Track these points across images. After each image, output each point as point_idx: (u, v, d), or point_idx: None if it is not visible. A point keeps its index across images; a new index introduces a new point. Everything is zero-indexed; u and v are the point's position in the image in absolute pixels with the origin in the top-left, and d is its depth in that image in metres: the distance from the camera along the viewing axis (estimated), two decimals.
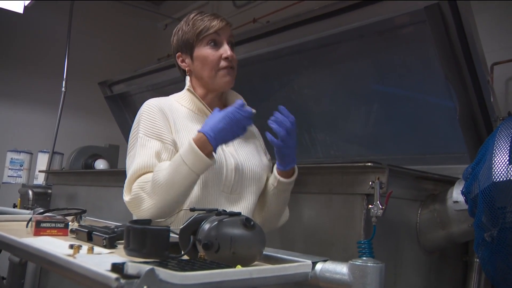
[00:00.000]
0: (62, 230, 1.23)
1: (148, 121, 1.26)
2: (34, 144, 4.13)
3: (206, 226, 0.92)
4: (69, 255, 0.85)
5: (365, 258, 0.91)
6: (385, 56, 2.16)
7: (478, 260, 1.74)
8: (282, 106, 1.25)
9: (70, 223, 1.32)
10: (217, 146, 1.16)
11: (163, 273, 0.66)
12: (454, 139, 2.01)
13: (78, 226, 1.27)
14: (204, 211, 0.98)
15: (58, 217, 1.32)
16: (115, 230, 1.10)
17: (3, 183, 3.84)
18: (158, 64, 3.66)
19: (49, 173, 3.70)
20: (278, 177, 1.34)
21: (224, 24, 1.33)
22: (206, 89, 1.37)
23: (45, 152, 3.91)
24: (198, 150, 1.13)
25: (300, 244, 1.69)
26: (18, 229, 1.31)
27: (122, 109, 4.17)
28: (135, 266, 0.67)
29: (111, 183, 2.78)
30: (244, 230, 0.91)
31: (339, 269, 0.90)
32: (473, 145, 1.90)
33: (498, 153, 1.32)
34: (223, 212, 0.95)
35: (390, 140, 2.35)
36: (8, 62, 4.57)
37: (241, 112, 1.18)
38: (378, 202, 1.39)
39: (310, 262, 0.92)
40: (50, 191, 3.51)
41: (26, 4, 3.75)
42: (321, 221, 1.65)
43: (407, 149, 2.29)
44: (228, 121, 1.16)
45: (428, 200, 1.71)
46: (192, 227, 0.94)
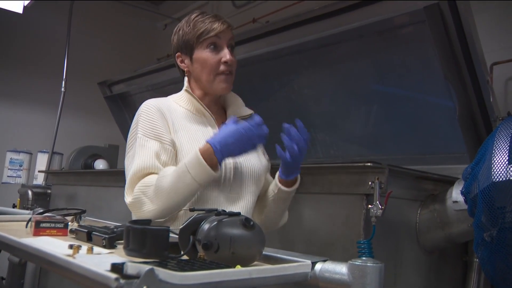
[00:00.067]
0: (61, 230, 1.23)
1: (146, 121, 1.26)
2: (33, 144, 4.12)
3: (206, 226, 0.92)
4: (68, 255, 0.85)
5: (364, 258, 0.91)
6: (384, 56, 2.16)
7: (477, 260, 1.74)
8: (299, 120, 1.21)
9: (69, 223, 1.31)
10: (222, 160, 1.15)
11: (163, 273, 0.66)
12: (453, 139, 2.01)
13: (78, 226, 1.27)
14: (203, 211, 0.98)
15: (58, 217, 1.32)
16: (115, 230, 1.10)
17: (3, 183, 3.84)
18: (157, 64, 3.66)
19: (48, 173, 3.70)
20: (279, 185, 1.33)
21: (225, 27, 1.32)
22: (204, 91, 1.37)
23: (44, 152, 3.91)
24: (203, 161, 1.13)
25: (299, 244, 1.69)
26: (17, 229, 1.31)
27: (121, 109, 4.17)
28: (135, 266, 0.67)
29: (111, 183, 2.78)
30: (243, 230, 0.91)
31: (339, 269, 0.90)
32: (472, 145, 1.90)
33: (497, 153, 1.32)
34: (223, 212, 0.95)
35: (389, 140, 2.35)
36: (7, 62, 4.57)
37: (255, 130, 1.15)
38: (377, 202, 1.39)
39: (309, 262, 0.92)
40: (49, 191, 3.51)
41: (26, 4, 3.75)
42: (320, 221, 1.65)
43: (407, 149, 2.29)
44: (238, 136, 1.14)
45: (427, 200, 1.72)
46: (191, 227, 0.94)
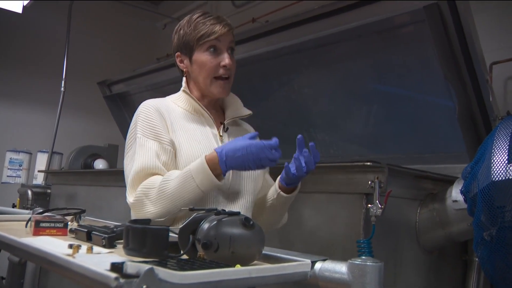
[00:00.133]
0: (61, 230, 1.23)
1: (145, 121, 1.26)
2: (33, 144, 4.12)
3: (205, 225, 0.92)
4: (68, 255, 0.85)
5: (364, 257, 0.91)
6: (384, 55, 2.16)
7: (477, 259, 1.74)
8: (313, 143, 1.21)
9: (69, 223, 1.31)
10: (226, 171, 1.16)
11: (163, 272, 0.66)
12: (453, 139, 2.01)
13: (78, 225, 1.27)
14: (203, 211, 0.98)
15: (58, 217, 1.32)
16: (115, 229, 1.10)
17: (2, 183, 3.83)
18: (157, 63, 3.66)
19: (48, 173, 3.69)
20: (279, 190, 1.33)
21: (226, 30, 1.31)
22: (202, 92, 1.37)
23: (44, 152, 3.91)
24: (208, 169, 1.14)
25: (299, 243, 1.69)
26: (17, 229, 1.31)
27: (121, 108, 4.17)
28: (135, 265, 0.67)
29: (111, 183, 2.78)
30: (243, 229, 0.91)
31: (338, 268, 0.90)
32: (472, 144, 1.90)
33: (497, 152, 1.32)
34: (222, 211, 0.95)
35: (389, 139, 2.35)
36: (7, 62, 4.57)
37: (267, 152, 1.14)
38: (377, 201, 1.39)
39: (309, 261, 0.92)
40: (49, 191, 3.51)
41: (25, 4, 3.74)
42: (320, 220, 1.65)
43: (407, 148, 2.29)
44: (246, 153, 1.14)
45: (427, 199, 1.72)
46: (191, 227, 0.94)
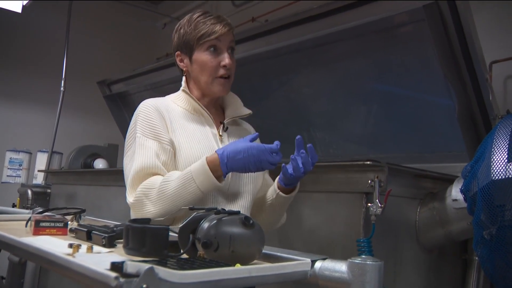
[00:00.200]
0: (61, 229, 1.23)
1: (145, 121, 1.26)
2: (33, 143, 4.11)
3: (205, 224, 0.92)
4: (68, 254, 0.85)
5: (364, 256, 0.91)
6: (384, 55, 2.16)
7: (477, 258, 1.74)
8: (311, 145, 1.21)
9: (69, 223, 1.31)
10: (227, 173, 1.17)
11: (162, 271, 0.66)
12: (453, 138, 2.01)
13: (78, 225, 1.27)
14: (203, 210, 0.98)
15: (58, 216, 1.32)
16: (115, 229, 1.10)
17: (2, 183, 3.83)
18: (157, 63, 3.66)
19: (48, 172, 3.69)
20: (278, 191, 1.33)
21: (226, 30, 1.31)
22: (202, 92, 1.37)
23: (44, 151, 3.90)
24: (209, 171, 1.14)
25: (299, 242, 1.69)
26: (17, 228, 1.31)
27: (121, 108, 4.17)
28: (134, 265, 0.67)
29: (110, 183, 2.78)
30: (243, 228, 0.91)
31: (338, 267, 0.90)
32: (472, 143, 1.90)
33: (496, 151, 1.32)
34: (222, 210, 0.95)
35: (389, 138, 2.35)
36: (7, 61, 4.56)
37: (267, 155, 1.15)
38: (377, 200, 1.39)
39: (309, 260, 0.92)
40: (49, 191, 3.51)
41: (25, 3, 3.74)
42: (320, 219, 1.66)
43: (406, 147, 2.29)
44: (247, 156, 1.14)
45: (427, 198, 1.72)
46: (191, 226, 0.94)
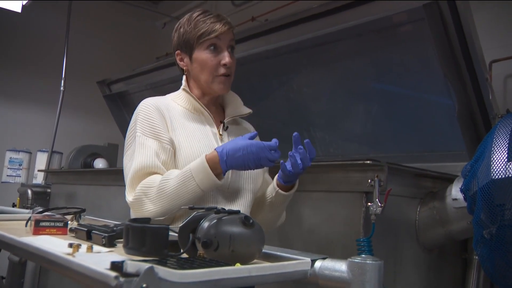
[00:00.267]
0: (61, 229, 1.23)
1: (145, 120, 1.26)
2: (33, 143, 4.12)
3: (205, 224, 0.92)
4: (68, 254, 0.85)
5: (364, 255, 0.91)
6: (383, 54, 2.16)
7: (477, 257, 1.74)
8: (308, 140, 1.22)
9: (69, 222, 1.31)
10: (226, 171, 1.17)
11: (162, 271, 0.66)
12: (453, 137, 2.01)
13: (77, 225, 1.27)
14: (203, 209, 0.98)
15: (57, 216, 1.32)
16: (114, 228, 1.10)
17: (2, 183, 3.83)
18: (156, 62, 3.66)
19: (48, 172, 3.69)
20: (277, 188, 1.33)
21: (226, 28, 1.31)
22: (202, 90, 1.37)
23: (44, 151, 3.91)
24: (208, 169, 1.15)
25: (299, 242, 1.69)
26: (17, 228, 1.31)
27: (121, 108, 4.17)
28: (134, 264, 0.67)
29: (110, 182, 2.78)
30: (243, 228, 0.91)
31: (338, 266, 0.90)
32: (471, 142, 1.90)
33: (496, 150, 1.32)
34: (222, 210, 0.95)
35: (389, 138, 2.35)
36: (6, 61, 4.56)
37: (266, 152, 1.16)
38: (377, 200, 1.39)
39: (309, 259, 0.92)
40: (49, 190, 3.51)
41: (24, 3, 3.74)
42: (320, 219, 1.66)
43: (406, 147, 2.29)
44: (246, 153, 1.15)
45: (427, 197, 1.72)
46: (191, 225, 0.94)
